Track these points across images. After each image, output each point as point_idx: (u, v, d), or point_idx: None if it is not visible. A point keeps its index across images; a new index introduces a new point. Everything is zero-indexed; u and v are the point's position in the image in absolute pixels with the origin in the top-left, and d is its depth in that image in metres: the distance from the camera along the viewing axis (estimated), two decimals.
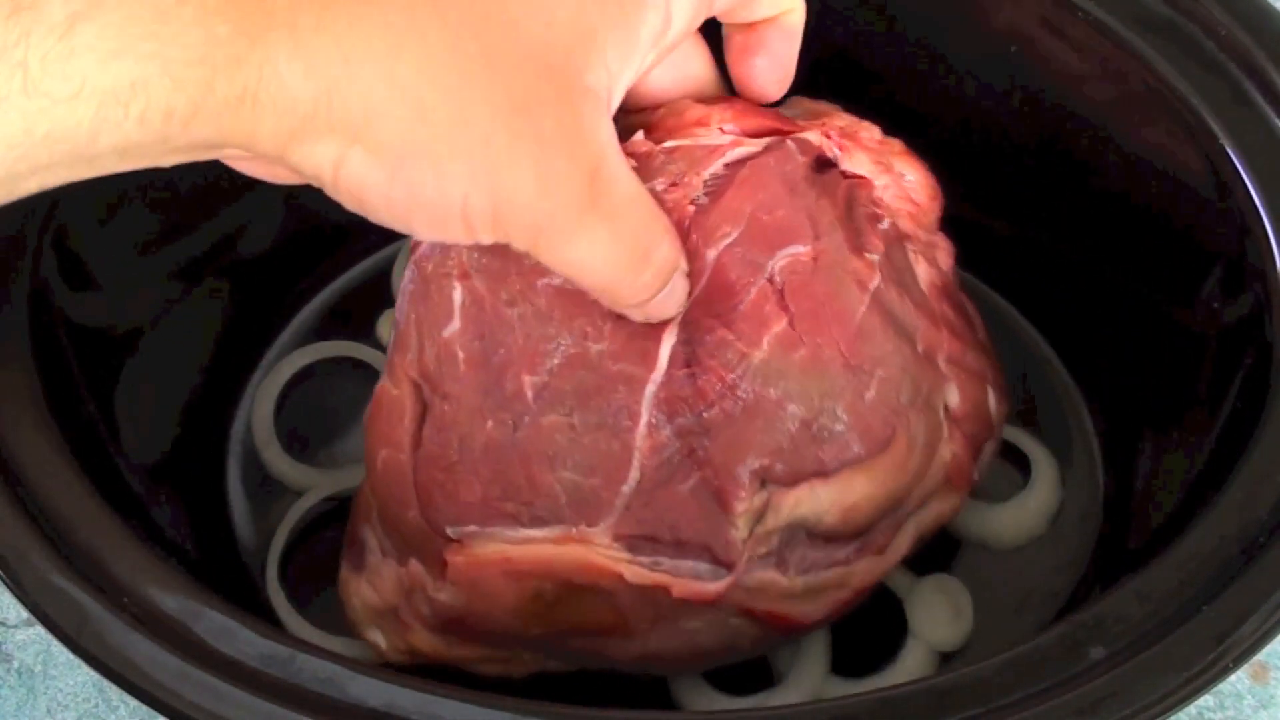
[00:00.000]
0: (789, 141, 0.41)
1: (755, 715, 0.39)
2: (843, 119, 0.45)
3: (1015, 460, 0.51)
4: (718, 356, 0.37)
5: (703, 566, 0.38)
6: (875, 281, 0.40)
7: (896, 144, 0.45)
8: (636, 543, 0.38)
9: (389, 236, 0.56)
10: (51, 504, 0.37)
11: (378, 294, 0.57)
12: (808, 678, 0.45)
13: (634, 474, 0.37)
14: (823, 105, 0.46)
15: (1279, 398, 0.39)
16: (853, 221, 0.41)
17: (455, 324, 0.39)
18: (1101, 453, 0.52)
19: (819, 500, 0.38)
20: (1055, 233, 0.54)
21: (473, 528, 0.39)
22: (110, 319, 0.48)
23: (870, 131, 0.45)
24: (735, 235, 0.38)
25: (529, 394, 0.38)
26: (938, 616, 0.47)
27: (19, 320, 0.41)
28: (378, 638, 0.43)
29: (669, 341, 0.37)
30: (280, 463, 0.52)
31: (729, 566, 0.38)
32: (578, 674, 0.47)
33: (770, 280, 0.38)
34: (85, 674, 0.49)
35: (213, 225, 0.52)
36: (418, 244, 0.42)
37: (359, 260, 0.58)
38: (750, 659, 0.47)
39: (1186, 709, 0.34)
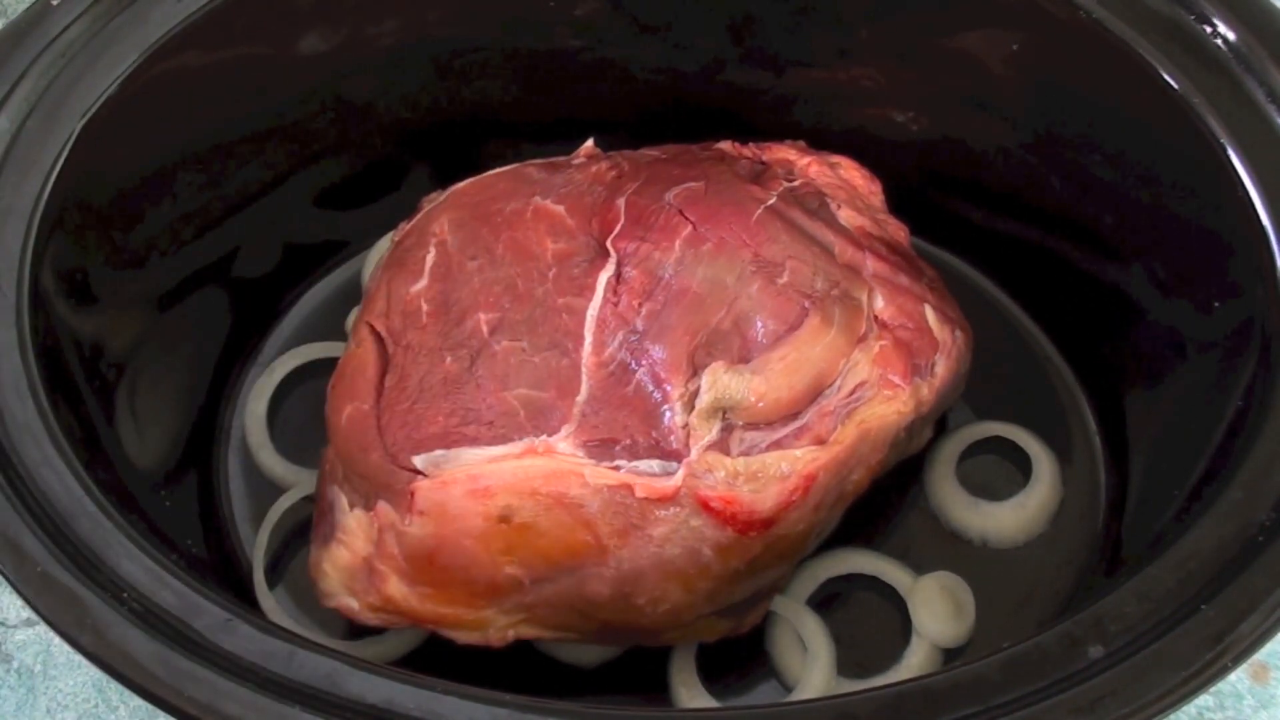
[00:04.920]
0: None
1: (757, 714, 0.39)
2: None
3: (1015, 460, 0.52)
4: (641, 266, 0.43)
5: (655, 464, 0.40)
6: (770, 199, 0.46)
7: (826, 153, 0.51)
8: (595, 448, 0.40)
9: (368, 245, 0.58)
10: (53, 502, 0.37)
11: (358, 297, 0.57)
12: (815, 686, 0.46)
13: (584, 387, 0.41)
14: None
15: (1279, 397, 0.39)
16: (757, 180, 0.47)
17: (423, 281, 0.44)
18: (1102, 452, 0.52)
19: (746, 378, 0.42)
20: (1057, 232, 0.54)
21: (439, 452, 0.40)
22: (108, 329, 0.47)
23: (798, 144, 0.51)
24: (636, 186, 0.46)
25: (485, 330, 0.42)
26: (940, 614, 0.47)
27: (21, 326, 0.41)
28: (350, 601, 0.43)
29: (604, 276, 0.43)
30: (274, 463, 0.52)
31: (677, 458, 0.40)
32: (579, 675, 0.47)
33: (670, 205, 0.45)
34: (85, 674, 0.49)
35: (212, 240, 0.53)
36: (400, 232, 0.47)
37: (342, 265, 0.58)
38: (749, 659, 0.47)
39: (1186, 709, 0.34)
